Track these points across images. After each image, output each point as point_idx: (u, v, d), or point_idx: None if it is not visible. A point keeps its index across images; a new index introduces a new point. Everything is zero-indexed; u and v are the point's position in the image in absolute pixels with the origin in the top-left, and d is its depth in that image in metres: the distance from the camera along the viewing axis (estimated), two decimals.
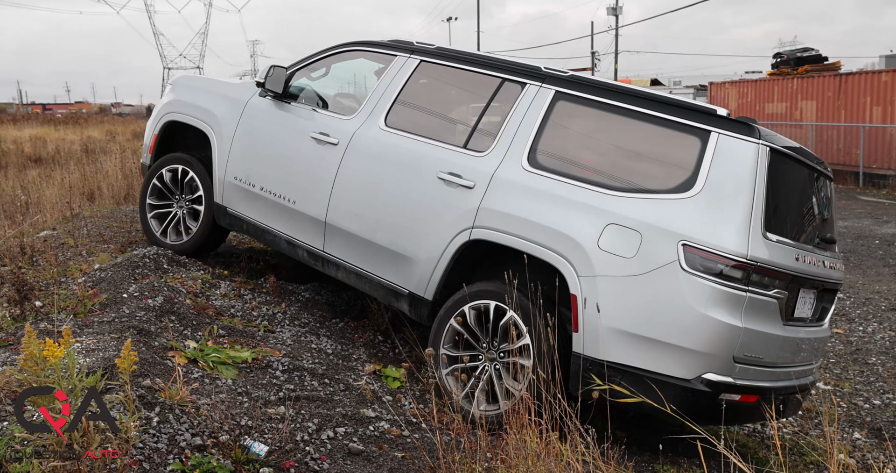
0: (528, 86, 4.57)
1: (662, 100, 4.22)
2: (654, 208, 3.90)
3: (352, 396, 4.15)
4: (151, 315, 4.56)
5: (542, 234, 4.09)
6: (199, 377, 3.87)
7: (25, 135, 27.14)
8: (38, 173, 14.96)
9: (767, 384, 3.98)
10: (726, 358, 3.78)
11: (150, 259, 5.62)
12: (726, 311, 3.74)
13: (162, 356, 3.98)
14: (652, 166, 4.25)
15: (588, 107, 4.39)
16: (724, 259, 3.72)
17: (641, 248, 3.83)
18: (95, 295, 4.95)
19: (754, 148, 3.89)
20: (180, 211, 6.10)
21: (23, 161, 18.90)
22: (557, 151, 4.39)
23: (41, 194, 10.43)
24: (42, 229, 7.45)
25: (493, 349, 4.25)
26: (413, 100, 5.10)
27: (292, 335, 5.05)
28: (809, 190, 4.52)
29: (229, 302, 5.35)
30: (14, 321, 4.42)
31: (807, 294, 4.28)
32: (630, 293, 3.84)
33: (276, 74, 5.54)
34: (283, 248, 5.47)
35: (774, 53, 28.53)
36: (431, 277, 4.52)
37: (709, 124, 4.00)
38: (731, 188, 3.85)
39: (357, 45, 5.56)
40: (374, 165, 4.91)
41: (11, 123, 34.97)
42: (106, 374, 3.01)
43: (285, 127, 5.49)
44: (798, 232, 4.26)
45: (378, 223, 4.82)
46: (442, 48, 5.16)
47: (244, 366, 4.20)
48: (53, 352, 2.36)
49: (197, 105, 6.02)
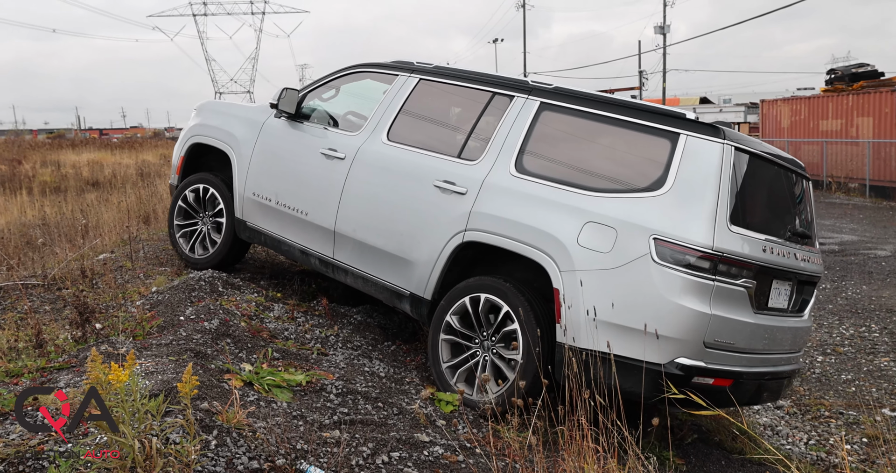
0: (515, 98, 4.91)
1: (636, 106, 4.54)
2: (628, 205, 4.20)
3: (405, 420, 4.13)
4: (207, 338, 4.62)
5: (528, 233, 4.41)
6: (255, 400, 3.89)
7: (83, 159, 27.97)
8: (96, 197, 15.37)
9: (741, 369, 4.22)
10: (697, 343, 4.03)
11: (205, 282, 5.71)
12: (695, 299, 4.00)
13: (218, 379, 4.02)
14: (627, 167, 4.52)
15: (570, 115, 4.73)
16: (692, 251, 4.00)
17: (617, 243, 4.13)
18: (153, 318, 5.04)
19: (719, 148, 4.17)
20: (204, 227, 6.43)
21: (81, 185, 19.45)
22: (542, 157, 4.71)
23: (99, 218, 10.70)
24: (101, 252, 7.63)
25: (487, 339, 4.56)
26: (413, 115, 5.43)
27: (345, 358, 5.06)
28: (778, 187, 4.78)
29: (283, 325, 5.39)
30: (76, 344, 4.51)
31: (781, 285, 4.53)
32: (607, 285, 4.12)
33: (288, 96, 5.89)
34: (297, 257, 5.81)
35: (828, 69, 28.01)
36: (430, 278, 4.85)
37: (678, 127, 4.29)
38: (698, 185, 4.13)
39: (362, 67, 5.93)
40: (378, 177, 5.24)
41: (70, 147, 36.08)
42: (168, 398, 3.05)
43: (298, 145, 5.84)
44: (766, 225, 4.46)
45: (381, 229, 5.15)
46: (439, 67, 5.52)
47: (299, 389, 4.22)
48: (119, 377, 2.39)
49: (219, 128, 6.39)
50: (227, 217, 6.20)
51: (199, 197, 6.40)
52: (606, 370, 4.00)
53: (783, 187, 4.83)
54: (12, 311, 5.44)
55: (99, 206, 12.88)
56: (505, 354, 4.46)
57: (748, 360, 4.31)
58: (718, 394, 4.15)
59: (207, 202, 6.37)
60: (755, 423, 6.03)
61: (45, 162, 26.39)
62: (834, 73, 27.20)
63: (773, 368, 4.55)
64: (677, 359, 4.01)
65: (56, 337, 4.62)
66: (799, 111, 27.05)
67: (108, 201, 13.58)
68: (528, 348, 4.28)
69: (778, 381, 4.65)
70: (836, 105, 24.94)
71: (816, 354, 7.58)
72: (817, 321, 8.68)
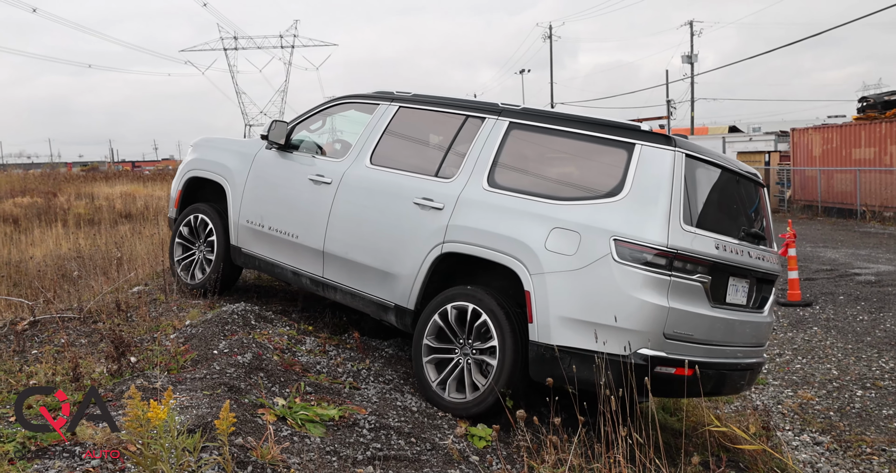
0: (486, 119, 5.28)
1: (595, 121, 4.89)
2: (590, 211, 4.53)
3: (439, 455, 4.09)
4: (241, 372, 4.63)
5: (500, 242, 4.73)
6: (289, 435, 3.88)
7: (116, 191, 28.44)
8: (129, 229, 15.61)
9: (700, 359, 4.50)
10: (657, 335, 4.32)
11: (238, 315, 5.74)
12: (654, 293, 4.31)
13: (252, 414, 4.02)
14: (589, 177, 4.88)
15: (537, 133, 5.11)
16: (649, 249, 4.32)
17: (581, 245, 4.45)
18: (187, 351, 5.06)
19: (671, 155, 4.51)
20: (200, 254, 6.80)
21: (114, 217, 19.76)
22: (512, 172, 5.05)
23: (133, 250, 10.84)
24: (135, 285, 7.72)
25: (466, 344, 4.85)
26: (394, 140, 5.77)
27: (377, 391, 5.04)
28: (731, 191, 5.16)
29: (315, 358, 5.39)
30: (112, 377, 4.54)
31: (738, 282, 4.88)
32: (573, 285, 4.43)
33: (278, 128, 6.27)
34: (289, 278, 6.12)
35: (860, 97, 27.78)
36: (412, 289, 5.15)
37: (633, 138, 4.63)
38: (653, 189, 4.45)
39: (347, 99, 6.34)
40: (362, 198, 5.58)
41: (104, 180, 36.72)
42: (204, 434, 3.05)
43: (288, 173, 6.17)
44: (719, 225, 4.78)
45: (366, 247, 5.47)
46: (417, 95, 5.86)
47: (331, 424, 4.20)
48: (157, 414, 2.40)
49: (214, 161, 6.78)
50: (217, 242, 6.55)
51: (193, 228, 6.78)
52: (576, 363, 4.34)
53: (736, 191, 5.20)
54: (49, 344, 5.50)
55: (132, 238, 13.07)
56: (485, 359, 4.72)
57: (707, 351, 4.62)
58: (681, 383, 4.42)
59: (199, 228, 6.74)
60: (795, 460, 5.90)
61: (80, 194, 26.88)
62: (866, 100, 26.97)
63: (733, 359, 4.87)
64: (640, 350, 4.29)
65: (92, 371, 4.66)
66: (831, 139, 26.80)
67: (141, 234, 13.78)
68: (503, 348, 4.59)
69: (740, 373, 4.95)
70: (869, 133, 24.69)
71: (855, 388, 7.42)
72: (855, 353, 8.52)
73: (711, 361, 4.63)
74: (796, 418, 6.72)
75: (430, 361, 4.98)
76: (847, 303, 11.10)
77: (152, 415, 2.42)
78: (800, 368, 8.10)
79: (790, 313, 10.58)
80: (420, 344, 5.00)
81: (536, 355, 4.51)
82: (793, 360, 8.39)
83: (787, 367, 8.14)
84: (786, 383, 7.66)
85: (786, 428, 6.49)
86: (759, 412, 6.26)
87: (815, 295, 11.67)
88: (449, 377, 4.89)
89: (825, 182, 26.80)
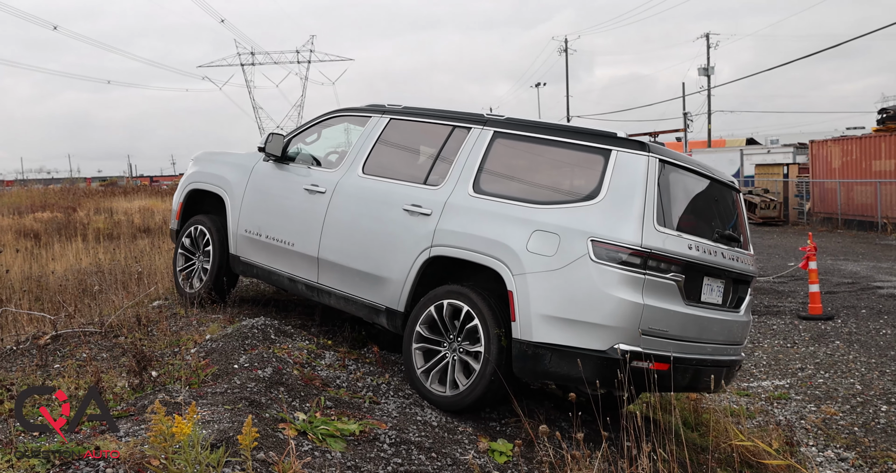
0: (472, 129, 5.51)
1: (574, 129, 5.14)
2: (569, 214, 4.73)
3: (459, 471, 4.07)
4: (261, 386, 4.63)
5: (484, 244, 4.93)
6: (310, 449, 3.87)
7: (135, 206, 28.67)
8: (148, 243, 15.71)
9: (677, 355, 4.67)
10: (633, 331, 4.52)
11: (257, 330, 5.75)
12: (629, 290, 4.51)
13: (273, 428, 4.01)
14: (568, 181, 5.15)
15: (519, 141, 5.34)
16: (624, 249, 4.52)
17: (560, 246, 4.64)
18: (208, 366, 5.07)
19: (644, 160, 4.74)
20: (199, 263, 7.02)
21: (133, 232, 19.89)
22: (496, 178, 5.28)
23: (152, 264, 10.90)
24: (155, 299, 7.76)
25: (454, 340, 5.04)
26: (385, 150, 6.01)
27: (397, 406, 5.03)
28: (705, 195, 5.35)
29: (335, 373, 5.38)
30: (133, 392, 4.56)
31: (713, 282, 5.10)
32: (553, 284, 4.61)
33: (274, 141, 6.49)
34: (285, 285, 6.34)
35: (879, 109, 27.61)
36: (402, 292, 5.35)
37: (610, 144, 4.86)
38: (627, 192, 4.66)
39: (340, 112, 6.62)
40: (354, 206, 5.81)
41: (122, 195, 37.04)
42: (227, 449, 3.05)
43: (284, 184, 6.41)
44: (692, 227, 4.99)
45: (359, 252, 5.67)
46: (407, 107, 6.11)
47: (352, 439, 4.19)
48: (182, 429, 2.41)
49: (213, 174, 7.04)
50: (213, 252, 6.78)
51: (194, 239, 7.02)
52: (557, 359, 4.55)
53: (710, 195, 5.41)
54: (71, 358, 5.54)
55: (151, 252, 13.16)
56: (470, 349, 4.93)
57: (682, 347, 4.79)
58: (657, 378, 4.59)
59: (199, 239, 6.96)
60: None
61: (99, 209, 27.11)
62: (886, 112, 26.79)
63: (709, 356, 5.06)
64: (617, 345, 4.47)
65: (114, 385, 4.68)
66: (850, 151, 26.61)
67: (160, 248, 13.87)
68: (488, 343, 4.78)
69: (717, 369, 5.11)
70: (889, 145, 24.51)
71: (880, 403, 7.32)
72: (879, 368, 8.41)
73: (687, 357, 4.81)
74: (820, 433, 6.64)
75: (419, 348, 5.17)
76: (870, 317, 10.97)
77: (177, 430, 2.43)
78: (822, 382, 8.01)
79: (812, 326, 10.48)
80: (412, 331, 5.19)
81: (519, 352, 4.67)
82: (815, 374, 8.29)
83: (810, 381, 8.05)
84: (808, 397, 7.57)
85: (809, 444, 6.41)
86: (781, 428, 6.19)
87: (836, 309, 11.55)
88: (434, 368, 5.09)
89: (845, 194, 26.59)
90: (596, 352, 4.50)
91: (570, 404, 4.33)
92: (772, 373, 8.37)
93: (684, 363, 4.79)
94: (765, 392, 7.71)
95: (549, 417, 5.35)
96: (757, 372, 8.43)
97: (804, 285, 12.81)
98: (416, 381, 5.18)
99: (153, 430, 2.48)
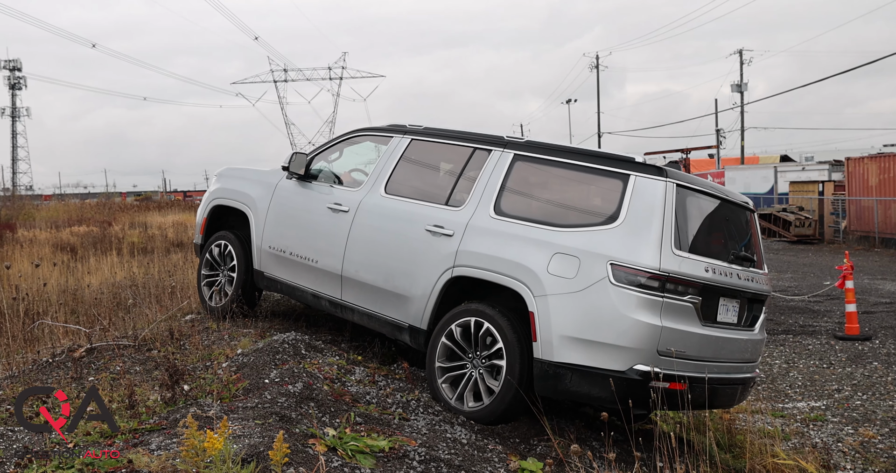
0: (493, 151, 5.58)
1: (593, 153, 5.24)
2: (589, 237, 4.83)
3: None
4: (292, 401, 4.64)
5: (506, 266, 5.02)
6: (339, 466, 3.87)
7: (169, 221, 29.08)
8: (181, 257, 15.89)
9: (693, 375, 4.76)
10: (651, 352, 4.61)
11: (288, 345, 5.78)
12: (647, 313, 4.61)
13: (303, 444, 4.02)
14: (588, 205, 5.23)
15: (539, 164, 5.44)
16: (642, 272, 4.62)
17: (580, 269, 4.73)
18: (239, 380, 5.11)
19: (662, 185, 4.82)
20: (223, 278, 7.14)
21: (167, 246, 20.16)
22: (516, 200, 5.39)
23: (185, 278, 11.02)
24: (187, 313, 7.84)
25: (476, 357, 5.13)
26: (407, 170, 6.10)
27: (427, 423, 5.01)
28: (721, 217, 5.44)
29: (364, 389, 5.39)
30: (165, 405, 4.60)
31: (728, 302, 5.17)
32: (573, 306, 4.71)
33: (297, 159, 6.60)
34: (309, 301, 6.43)
35: None
36: (425, 310, 5.43)
37: (628, 169, 4.94)
38: (646, 217, 4.76)
39: (362, 131, 6.70)
40: (377, 225, 5.91)
41: (157, 209, 37.61)
42: (259, 465, 3.06)
43: (307, 201, 6.51)
44: (708, 249, 5.10)
45: (382, 271, 5.77)
46: (428, 128, 6.16)
47: (381, 455, 4.18)
48: (214, 444, 2.42)
49: (237, 190, 7.14)
50: (238, 266, 6.88)
51: (217, 255, 7.15)
52: (577, 379, 4.67)
53: (726, 217, 5.50)
54: (105, 371, 5.60)
55: (184, 266, 13.31)
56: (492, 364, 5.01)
57: (699, 367, 4.87)
58: (675, 397, 4.68)
59: (226, 256, 7.07)
60: None
61: (133, 224, 27.54)
62: None
63: (725, 375, 5.15)
64: (635, 366, 4.58)
65: (147, 398, 4.72)
66: (888, 169, 26.18)
67: (193, 263, 14.01)
68: (511, 361, 4.86)
69: (732, 387, 5.24)
70: None
71: None
72: None
73: (703, 376, 4.86)
74: (857, 456, 6.49)
75: (441, 365, 5.28)
76: None
77: (208, 445, 2.44)
78: (860, 404, 7.84)
79: (848, 347, 10.27)
80: (435, 347, 5.28)
81: (540, 371, 4.77)
82: (852, 396, 8.12)
83: (847, 403, 7.89)
84: (846, 420, 7.41)
85: (847, 467, 6.27)
86: (818, 450, 6.06)
87: (874, 329, 11.32)
88: (457, 383, 5.19)
89: (882, 212, 26.14)
90: (615, 373, 4.58)
91: (602, 423, 4.28)
92: (807, 394, 8.21)
93: (700, 382, 4.83)
94: (800, 414, 7.56)
95: (579, 436, 5.30)
96: (792, 393, 8.28)
97: (840, 305, 12.57)
98: (438, 395, 5.25)
99: (185, 444, 2.50)
